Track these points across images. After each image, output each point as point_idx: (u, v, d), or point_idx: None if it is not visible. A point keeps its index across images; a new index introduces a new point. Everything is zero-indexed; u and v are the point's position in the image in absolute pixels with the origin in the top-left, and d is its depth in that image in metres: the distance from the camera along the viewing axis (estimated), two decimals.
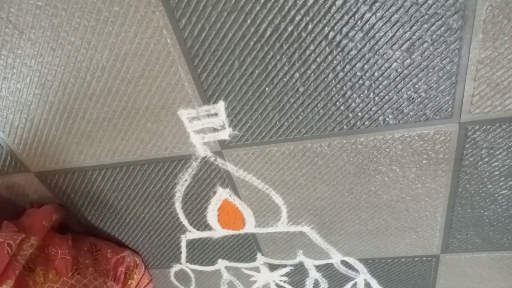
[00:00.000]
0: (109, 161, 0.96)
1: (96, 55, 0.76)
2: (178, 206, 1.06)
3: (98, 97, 0.83)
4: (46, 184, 1.06)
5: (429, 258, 1.09)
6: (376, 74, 0.72)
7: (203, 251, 1.20)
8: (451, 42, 0.66)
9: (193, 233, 1.14)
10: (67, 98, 0.84)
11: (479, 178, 0.86)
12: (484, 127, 0.77)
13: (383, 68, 0.71)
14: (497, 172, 0.84)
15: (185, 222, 1.10)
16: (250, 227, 1.09)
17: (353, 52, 0.69)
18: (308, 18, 0.66)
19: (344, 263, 1.16)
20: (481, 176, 0.86)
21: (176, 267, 1.29)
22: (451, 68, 0.69)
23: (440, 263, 1.11)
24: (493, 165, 0.83)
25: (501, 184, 0.87)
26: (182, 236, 1.16)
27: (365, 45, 0.68)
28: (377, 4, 0.63)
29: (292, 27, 0.68)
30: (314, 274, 1.22)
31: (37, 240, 0.95)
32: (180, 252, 1.22)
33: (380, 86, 0.73)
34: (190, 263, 1.26)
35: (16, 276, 0.86)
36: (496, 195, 0.89)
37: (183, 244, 1.18)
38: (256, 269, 1.25)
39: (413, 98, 0.74)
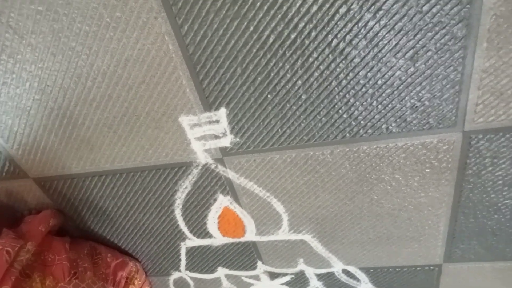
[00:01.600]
0: (109, 167, 0.95)
1: (97, 60, 0.75)
2: (178, 213, 1.05)
3: (99, 103, 0.82)
4: (45, 190, 1.05)
5: (432, 267, 1.08)
6: (379, 82, 0.71)
7: (203, 259, 1.18)
8: (455, 51, 0.65)
9: (193, 241, 1.13)
10: (67, 104, 0.83)
11: (482, 188, 0.85)
12: (488, 136, 0.76)
13: (386, 76, 0.70)
14: (500, 182, 0.84)
15: (185, 229, 1.09)
16: (250, 235, 1.08)
17: (357, 60, 0.69)
18: (311, 26, 0.66)
19: (346, 272, 1.15)
20: (485, 186, 0.85)
21: (175, 275, 1.28)
22: (455, 77, 0.68)
23: (442, 273, 1.10)
24: (496, 174, 0.82)
25: (504, 193, 0.86)
26: (182, 243, 1.14)
27: (368, 53, 0.68)
28: (381, 12, 0.63)
29: (295, 34, 0.67)
30: (315, 283, 1.21)
31: (34, 246, 0.94)
32: (180, 260, 1.21)
33: (384, 94, 0.73)
34: (190, 271, 1.25)
35: (12, 282, 0.85)
36: (499, 204, 0.88)
37: (183, 251, 1.17)
38: (256, 278, 1.23)
39: (416, 107, 0.73)
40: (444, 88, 0.70)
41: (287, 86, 0.74)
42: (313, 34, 0.67)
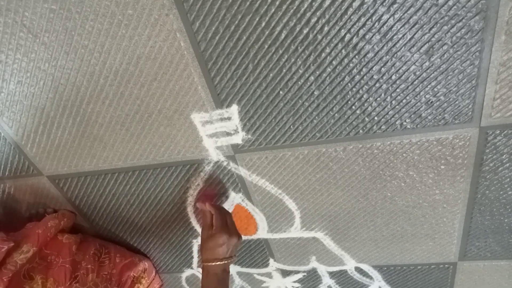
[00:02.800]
0: (122, 165, 0.96)
1: (109, 58, 0.76)
2: (190, 210, 1.05)
3: (111, 100, 0.83)
4: (59, 188, 1.06)
5: (446, 265, 1.07)
6: (393, 77, 0.70)
7: None
8: (472, 44, 0.64)
9: None
10: (80, 102, 0.84)
11: (499, 184, 0.84)
12: (506, 131, 0.74)
13: (401, 71, 0.69)
14: None
15: (197, 226, 1.09)
16: (262, 232, 1.07)
17: (370, 54, 0.68)
18: (324, 20, 0.65)
19: (359, 270, 1.14)
20: (501, 182, 0.83)
21: (187, 272, 1.29)
22: (471, 71, 0.67)
23: (457, 271, 1.08)
24: None
25: None
26: (194, 240, 1.15)
27: (382, 47, 0.66)
28: (395, 6, 0.62)
29: (307, 29, 0.66)
30: (327, 281, 1.20)
31: (31, 247, 0.95)
32: (192, 257, 1.21)
33: (398, 90, 0.71)
34: None
35: (6, 283, 0.86)
36: None
37: (195, 248, 1.18)
38: (269, 275, 1.23)
39: (431, 102, 0.72)
40: (460, 83, 0.69)
41: (299, 82, 0.74)
42: (326, 29, 0.66)
